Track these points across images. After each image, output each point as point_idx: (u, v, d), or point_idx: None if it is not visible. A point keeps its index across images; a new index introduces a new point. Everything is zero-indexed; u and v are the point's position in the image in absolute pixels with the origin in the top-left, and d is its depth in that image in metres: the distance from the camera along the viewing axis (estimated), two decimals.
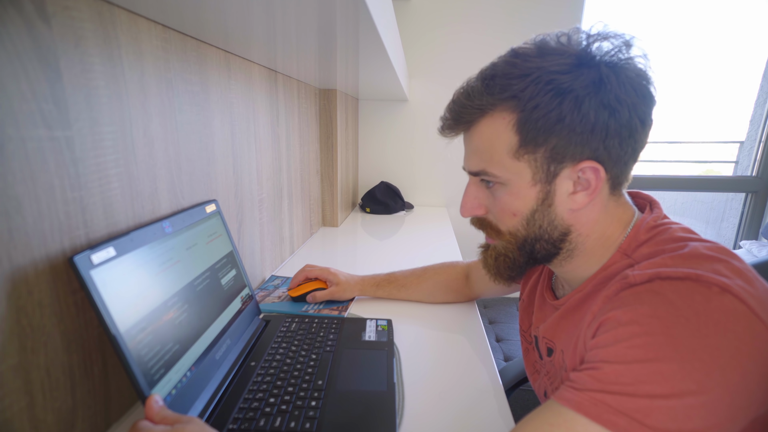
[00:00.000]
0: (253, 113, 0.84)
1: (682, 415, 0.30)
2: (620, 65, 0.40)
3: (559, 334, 0.50)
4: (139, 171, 0.50)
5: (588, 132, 0.40)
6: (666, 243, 0.41)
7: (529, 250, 0.47)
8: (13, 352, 0.35)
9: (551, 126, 0.40)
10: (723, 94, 3.96)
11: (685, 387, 0.30)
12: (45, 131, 0.37)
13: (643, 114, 0.41)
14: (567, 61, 0.40)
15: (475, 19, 1.64)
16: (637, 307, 0.35)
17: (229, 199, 0.75)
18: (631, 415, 0.31)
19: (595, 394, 0.33)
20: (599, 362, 0.34)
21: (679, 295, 0.34)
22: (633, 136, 0.41)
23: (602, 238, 0.46)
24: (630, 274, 0.38)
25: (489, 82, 0.43)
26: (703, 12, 4.26)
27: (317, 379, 0.56)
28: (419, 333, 0.72)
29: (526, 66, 0.41)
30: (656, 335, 0.32)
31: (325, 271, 0.82)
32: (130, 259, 0.43)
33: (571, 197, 0.43)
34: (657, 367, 0.31)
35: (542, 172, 0.43)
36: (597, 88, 0.39)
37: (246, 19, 0.50)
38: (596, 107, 0.39)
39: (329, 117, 1.36)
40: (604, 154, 0.41)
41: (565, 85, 0.39)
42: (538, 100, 0.40)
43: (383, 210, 1.67)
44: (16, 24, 0.34)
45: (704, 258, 0.36)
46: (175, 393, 0.44)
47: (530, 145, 0.42)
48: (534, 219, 0.45)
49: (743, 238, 2.07)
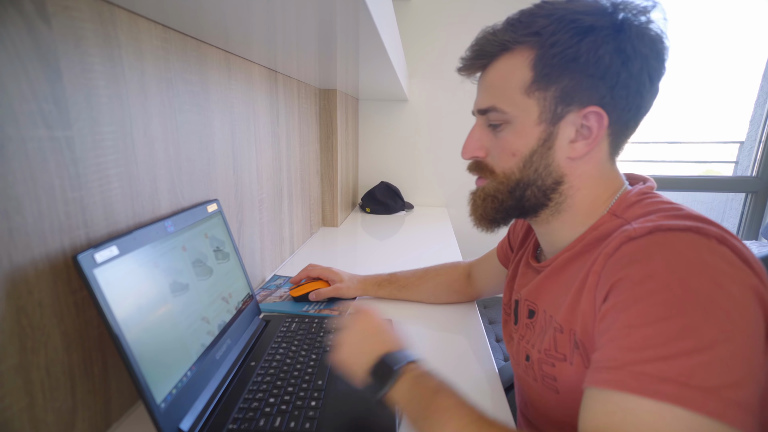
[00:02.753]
0: (253, 113, 0.84)
1: (721, 368, 0.30)
2: (640, 20, 0.41)
3: (542, 295, 0.50)
4: (139, 171, 0.50)
5: (599, 76, 0.41)
6: (657, 206, 0.41)
7: (519, 196, 0.48)
8: (13, 352, 0.35)
9: (566, 63, 0.41)
10: (723, 94, 3.96)
11: (713, 336, 0.30)
12: (45, 131, 0.37)
13: (654, 71, 0.42)
14: (593, 6, 0.42)
15: (475, 19, 1.64)
16: (648, 262, 0.34)
17: (229, 199, 0.75)
18: (676, 380, 0.30)
19: (633, 366, 0.32)
20: (623, 328, 0.34)
21: (686, 245, 0.34)
22: (640, 92, 0.42)
23: (592, 196, 0.46)
24: (629, 228, 0.38)
25: (514, 21, 0.45)
26: (703, 12, 4.26)
27: (317, 379, 0.56)
28: (419, 333, 0.72)
29: (553, 8, 0.43)
30: (674, 289, 0.32)
31: (327, 271, 0.83)
32: (132, 257, 0.43)
33: (571, 145, 0.44)
34: (682, 321, 0.31)
35: (549, 112, 0.44)
36: (617, 32, 0.40)
37: (246, 19, 0.50)
38: (612, 51, 0.40)
39: (329, 117, 1.36)
40: (610, 102, 0.42)
41: (587, 24, 0.41)
42: (559, 36, 0.41)
43: (383, 210, 1.67)
44: (16, 24, 0.34)
45: (698, 217, 0.38)
46: (175, 392, 0.44)
47: (543, 81, 0.43)
48: (532, 161, 0.45)
49: (743, 238, 2.07)
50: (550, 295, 0.49)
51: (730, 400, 0.29)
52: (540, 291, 0.51)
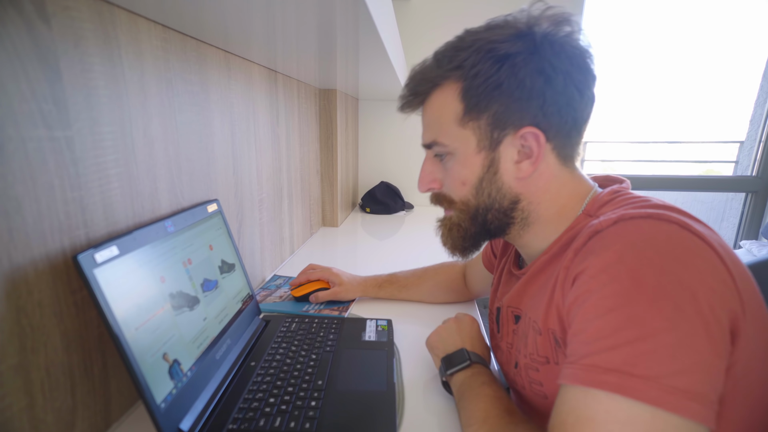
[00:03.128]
0: (253, 113, 0.84)
1: (666, 356, 0.30)
2: (557, 37, 0.43)
3: (524, 300, 0.50)
4: (139, 171, 0.50)
5: (526, 98, 0.42)
6: (628, 200, 0.42)
7: (481, 221, 0.49)
8: (13, 352, 0.35)
9: (491, 92, 0.43)
10: (723, 94, 3.96)
11: (658, 324, 0.30)
12: (45, 131, 0.37)
13: (581, 83, 0.43)
14: (507, 32, 0.43)
15: (475, 19, 1.63)
16: (604, 254, 0.35)
17: (229, 199, 0.75)
18: (620, 369, 0.30)
19: (585, 359, 0.32)
20: (582, 322, 0.34)
21: (642, 233, 0.34)
22: (571, 105, 0.43)
23: (557, 206, 0.47)
24: (594, 222, 0.38)
25: (439, 56, 0.46)
26: (704, 12, 4.26)
27: (317, 379, 0.56)
28: (419, 333, 0.72)
29: (472, 39, 0.44)
30: (623, 280, 0.33)
31: (327, 272, 0.82)
32: (132, 257, 0.43)
33: (517, 165, 0.45)
34: (629, 311, 0.31)
35: (486, 139, 0.45)
36: (531, 54, 0.42)
37: (246, 19, 0.50)
38: (531, 73, 0.42)
39: (329, 117, 1.36)
40: (544, 121, 0.43)
41: (502, 51, 0.42)
42: (479, 67, 0.43)
43: (383, 210, 1.67)
44: (16, 24, 0.34)
45: (663, 206, 0.38)
46: (175, 392, 0.44)
47: (474, 111, 0.44)
48: (482, 187, 0.47)
49: (743, 238, 2.07)
50: (530, 298, 0.49)
51: (672, 388, 0.29)
52: (522, 296, 0.51)
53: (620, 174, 0.55)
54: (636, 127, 4.57)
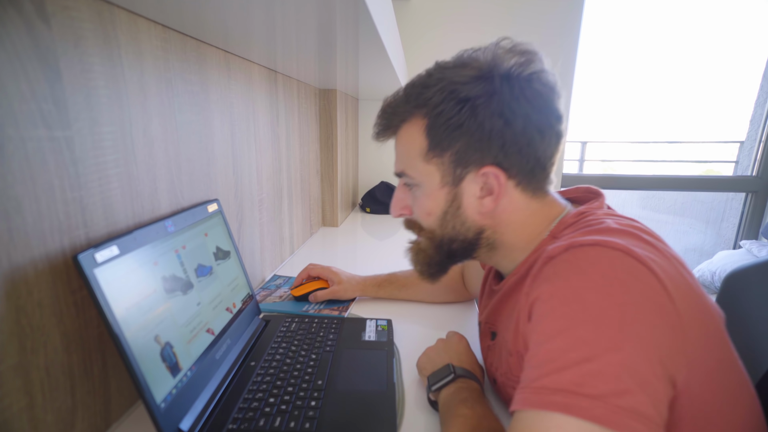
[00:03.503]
0: (253, 113, 0.84)
1: (611, 375, 0.30)
2: (519, 78, 0.43)
3: (500, 318, 0.52)
4: (138, 171, 0.50)
5: (486, 139, 0.43)
6: (587, 223, 0.43)
7: (446, 250, 0.50)
8: (13, 352, 0.35)
9: (452, 131, 0.44)
10: (723, 94, 3.96)
11: (602, 345, 0.31)
12: (45, 131, 0.37)
13: (543, 125, 0.44)
14: (470, 73, 0.44)
15: (475, 19, 1.64)
16: (555, 280, 0.36)
17: (229, 199, 0.75)
18: (567, 389, 0.31)
19: (535, 382, 0.33)
20: (535, 346, 0.35)
21: (588, 260, 0.36)
22: (532, 146, 0.44)
23: (523, 234, 0.48)
24: (550, 248, 0.39)
25: (409, 91, 0.48)
26: (704, 12, 4.26)
27: (317, 379, 0.56)
28: (419, 333, 0.72)
29: (437, 77, 0.45)
30: (570, 303, 0.34)
31: (327, 270, 0.83)
32: (133, 257, 0.43)
33: (479, 201, 0.46)
34: (576, 333, 0.32)
35: (449, 175, 0.46)
36: (491, 97, 0.43)
37: (246, 19, 0.50)
38: (491, 115, 0.43)
39: (329, 117, 1.36)
40: (505, 161, 0.44)
41: (463, 94, 0.43)
42: (443, 106, 0.44)
43: (383, 210, 1.67)
44: (16, 24, 0.34)
45: (613, 231, 0.39)
46: (175, 392, 0.44)
47: (437, 149, 0.46)
48: (446, 219, 0.48)
49: (743, 238, 2.07)
50: (504, 318, 0.50)
51: (617, 407, 0.29)
52: (497, 314, 0.53)
53: (620, 174, 0.56)
54: (636, 127, 4.57)
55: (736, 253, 1.96)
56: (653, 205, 3.20)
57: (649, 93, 4.24)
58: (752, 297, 0.59)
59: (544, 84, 0.44)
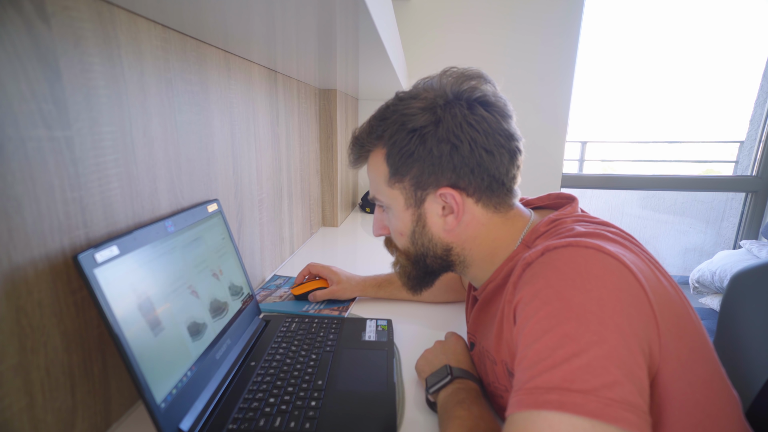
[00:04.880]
0: (253, 113, 0.84)
1: (599, 368, 0.31)
2: (461, 105, 0.46)
3: (479, 327, 0.54)
4: (138, 171, 0.50)
5: (437, 164, 0.47)
6: (558, 231, 0.45)
7: (423, 265, 0.54)
8: (13, 352, 0.35)
9: (407, 159, 0.48)
10: (723, 94, 3.96)
11: (588, 339, 0.32)
12: (45, 131, 0.37)
13: (489, 146, 0.46)
14: (418, 105, 0.47)
15: (475, 19, 1.64)
16: (535, 282, 0.38)
17: (229, 199, 0.75)
18: (559, 387, 0.31)
19: (528, 383, 0.33)
20: (523, 350, 0.36)
21: (564, 260, 0.37)
22: (482, 166, 0.47)
23: (490, 247, 0.50)
24: (526, 255, 0.41)
25: (372, 123, 0.52)
26: (704, 11, 4.26)
27: (317, 379, 0.56)
28: (419, 333, 0.72)
29: (392, 109, 0.49)
30: (553, 302, 0.35)
31: (326, 270, 0.83)
32: (132, 257, 0.43)
33: (443, 219, 0.50)
34: (561, 331, 0.33)
35: (411, 198, 0.50)
36: (435, 126, 0.46)
37: (246, 19, 0.50)
38: (438, 143, 0.46)
39: (329, 117, 1.36)
40: (459, 181, 0.47)
41: (410, 125, 0.47)
42: (396, 137, 0.48)
43: None
44: (16, 24, 0.34)
45: (584, 234, 0.42)
46: (175, 392, 0.44)
47: (397, 175, 0.49)
48: (415, 238, 0.52)
49: (743, 238, 2.07)
50: (483, 327, 0.52)
51: (609, 399, 0.30)
52: (477, 324, 0.55)
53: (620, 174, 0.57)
54: (636, 127, 4.57)
55: (736, 253, 1.96)
56: (653, 205, 3.19)
57: (649, 93, 4.24)
58: (758, 297, 0.59)
59: (489, 107, 0.47)
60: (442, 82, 0.49)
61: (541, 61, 1.64)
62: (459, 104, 0.47)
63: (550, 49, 1.63)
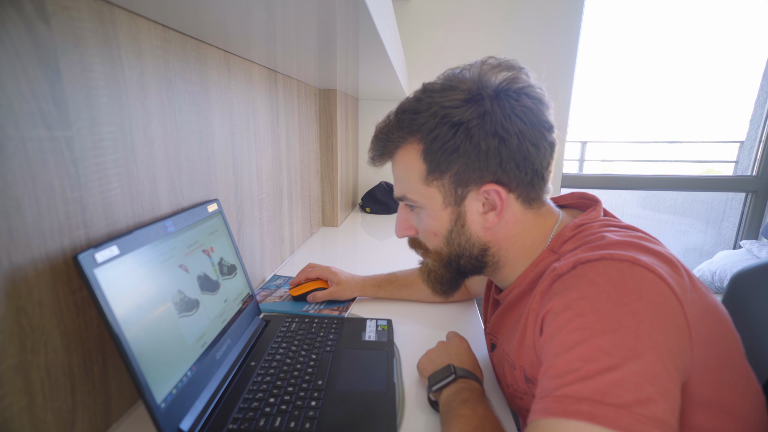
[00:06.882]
0: (253, 113, 0.84)
1: (633, 384, 0.31)
2: (507, 96, 0.44)
3: (501, 330, 0.53)
4: (138, 171, 0.50)
5: (483, 159, 0.45)
6: (586, 237, 0.44)
7: (455, 267, 0.52)
8: (13, 352, 0.35)
9: (450, 154, 0.45)
10: (723, 94, 3.96)
11: (623, 354, 0.32)
12: (45, 131, 0.37)
13: (536, 139, 0.45)
14: (459, 96, 0.45)
15: (475, 19, 1.64)
16: (567, 293, 0.37)
17: (229, 199, 0.75)
18: (591, 398, 0.31)
19: (556, 391, 0.33)
20: (551, 358, 0.35)
21: (598, 273, 0.37)
22: (528, 160, 0.45)
23: (523, 248, 0.49)
24: (557, 266, 0.40)
25: (400, 117, 0.49)
26: (704, 11, 4.26)
27: (317, 379, 0.56)
28: (419, 333, 0.72)
29: (427, 101, 0.46)
30: (587, 314, 0.35)
31: (326, 271, 0.82)
32: (133, 257, 0.43)
33: (483, 216, 0.48)
34: (595, 343, 0.33)
35: (451, 196, 0.48)
36: (483, 119, 0.44)
37: (246, 19, 0.50)
38: (485, 137, 0.44)
39: (329, 117, 1.36)
40: (504, 177, 0.46)
41: (456, 118, 0.44)
42: (437, 132, 0.45)
43: (383, 210, 1.67)
44: (16, 24, 0.34)
45: (616, 244, 0.40)
46: (175, 392, 0.44)
47: (436, 172, 0.47)
48: (452, 238, 0.50)
49: (743, 238, 2.07)
50: (507, 331, 0.51)
51: (642, 416, 0.29)
52: (499, 326, 0.54)
53: (620, 174, 0.57)
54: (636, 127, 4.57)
55: (737, 253, 1.96)
56: (653, 205, 3.19)
57: (649, 93, 4.24)
58: (758, 297, 0.59)
59: (532, 98, 0.45)
60: (482, 70, 0.46)
61: (541, 61, 1.64)
62: (505, 95, 0.45)
63: (550, 48, 1.63)
